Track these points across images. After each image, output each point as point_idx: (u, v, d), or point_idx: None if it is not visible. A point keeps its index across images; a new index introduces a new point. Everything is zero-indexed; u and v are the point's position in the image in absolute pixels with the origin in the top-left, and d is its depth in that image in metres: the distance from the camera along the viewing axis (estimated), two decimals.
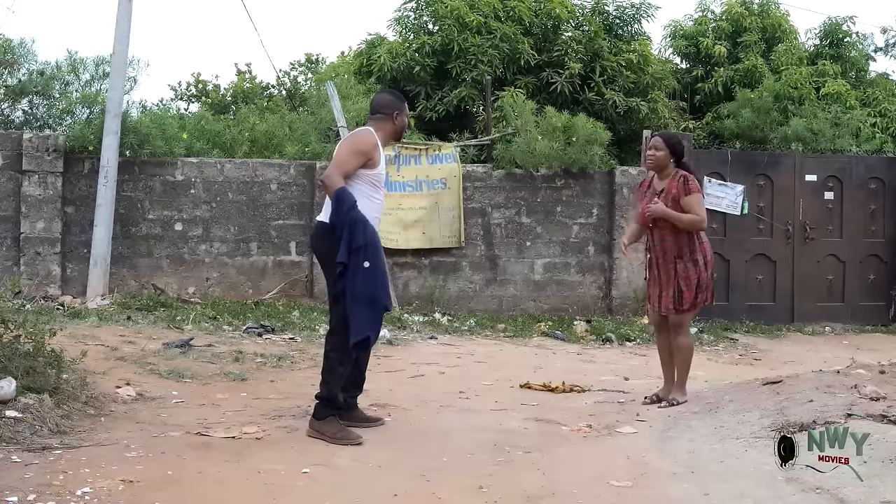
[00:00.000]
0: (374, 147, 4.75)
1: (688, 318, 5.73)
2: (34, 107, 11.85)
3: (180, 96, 16.76)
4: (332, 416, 4.69)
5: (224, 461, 4.15)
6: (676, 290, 5.54)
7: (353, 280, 4.50)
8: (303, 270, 10.29)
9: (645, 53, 12.66)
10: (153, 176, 10.03)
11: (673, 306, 5.57)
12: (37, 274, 9.54)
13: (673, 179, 5.55)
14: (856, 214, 11.47)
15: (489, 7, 12.28)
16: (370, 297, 4.54)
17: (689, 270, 5.52)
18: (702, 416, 5.16)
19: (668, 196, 5.51)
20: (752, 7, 14.47)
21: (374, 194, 4.78)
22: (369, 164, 4.72)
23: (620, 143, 12.13)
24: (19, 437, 4.13)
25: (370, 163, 4.72)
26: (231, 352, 7.06)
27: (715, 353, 9.16)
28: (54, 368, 4.88)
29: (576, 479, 4.05)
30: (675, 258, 5.53)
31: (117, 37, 9.85)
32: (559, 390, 6.31)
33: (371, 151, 4.73)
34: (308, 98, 13.06)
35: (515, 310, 10.50)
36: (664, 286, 5.60)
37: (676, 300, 5.55)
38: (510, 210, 10.63)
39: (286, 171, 10.30)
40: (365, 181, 4.73)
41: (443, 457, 4.44)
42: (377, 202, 4.80)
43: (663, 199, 5.51)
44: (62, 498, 3.46)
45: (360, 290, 4.50)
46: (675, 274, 5.54)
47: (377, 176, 4.79)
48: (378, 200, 4.81)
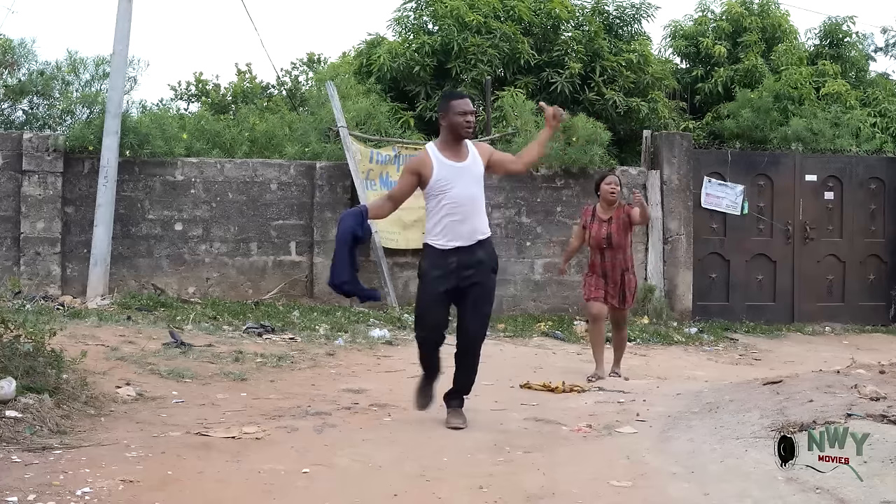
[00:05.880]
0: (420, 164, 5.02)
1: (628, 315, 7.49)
2: (34, 107, 11.86)
3: (180, 96, 16.75)
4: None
5: (224, 461, 4.15)
6: (621, 294, 7.06)
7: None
8: (303, 270, 10.29)
9: (645, 53, 12.66)
10: (153, 176, 10.03)
11: (618, 304, 7.09)
12: (37, 274, 9.54)
13: (619, 209, 7.05)
14: (856, 214, 11.48)
15: (489, 7, 12.28)
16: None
17: (633, 281, 7.15)
18: (702, 416, 5.16)
19: (619, 221, 7.00)
20: (752, 7, 14.46)
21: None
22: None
23: (620, 143, 12.14)
24: (19, 437, 4.13)
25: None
26: (231, 352, 7.06)
27: (715, 353, 9.16)
28: (54, 368, 4.88)
29: (576, 479, 4.05)
30: (623, 271, 7.05)
31: (117, 37, 9.85)
32: (559, 390, 6.31)
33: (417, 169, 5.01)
34: (308, 98, 13.07)
35: (515, 310, 10.50)
36: (610, 291, 7.04)
37: (620, 300, 7.08)
38: (510, 210, 10.64)
39: (286, 171, 10.30)
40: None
41: (443, 457, 4.44)
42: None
43: (615, 224, 6.99)
44: (62, 498, 3.45)
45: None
46: (623, 283, 7.06)
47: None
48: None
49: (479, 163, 4.99)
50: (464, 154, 4.96)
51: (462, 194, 4.88)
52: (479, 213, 4.99)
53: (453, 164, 4.91)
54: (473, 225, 4.93)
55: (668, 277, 10.75)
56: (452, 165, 4.90)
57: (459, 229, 4.89)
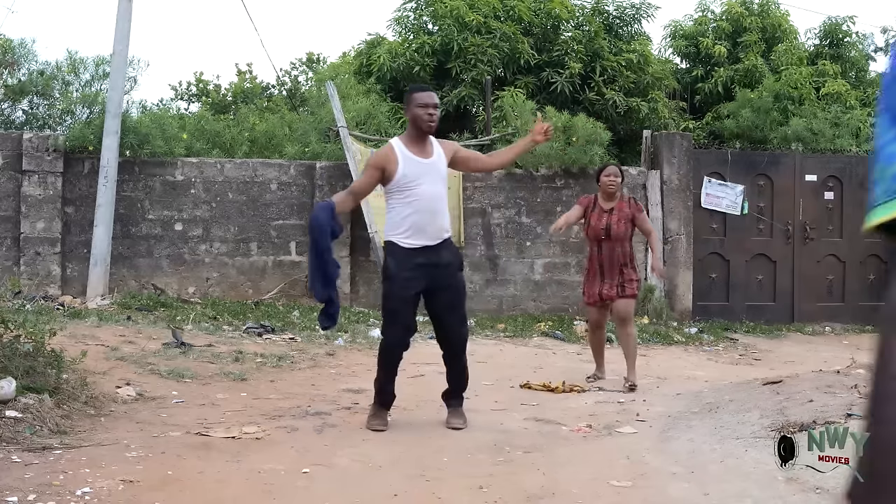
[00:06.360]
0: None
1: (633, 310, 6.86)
2: (34, 107, 11.85)
3: (181, 96, 16.76)
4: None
5: (224, 461, 4.15)
6: (620, 287, 6.58)
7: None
8: (303, 270, 10.28)
9: (645, 53, 12.65)
10: (153, 176, 10.03)
11: (618, 294, 6.57)
12: (37, 274, 9.54)
13: (622, 201, 6.69)
14: (856, 214, 11.45)
15: (489, 7, 12.28)
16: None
17: (632, 274, 6.67)
18: (702, 416, 5.16)
19: (620, 214, 6.60)
20: (752, 7, 14.46)
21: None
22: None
23: (620, 143, 12.14)
24: (19, 437, 4.13)
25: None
26: (231, 352, 7.06)
27: (715, 353, 9.15)
28: (54, 368, 4.88)
29: (576, 479, 4.05)
30: (622, 266, 6.61)
31: (117, 37, 9.85)
32: (559, 390, 6.31)
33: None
34: (308, 98, 13.07)
35: (515, 310, 10.50)
36: (606, 288, 6.60)
37: (620, 291, 6.59)
38: (510, 210, 10.63)
39: (286, 171, 10.30)
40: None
41: (443, 457, 4.44)
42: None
43: (617, 216, 6.59)
44: (62, 498, 3.45)
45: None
46: (623, 276, 6.60)
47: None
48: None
49: (444, 161, 4.92)
50: (429, 151, 4.87)
51: (429, 191, 4.80)
52: (445, 211, 4.92)
53: (420, 161, 4.81)
54: (440, 223, 4.86)
55: (668, 277, 10.75)
56: (420, 162, 4.81)
57: (427, 228, 4.81)
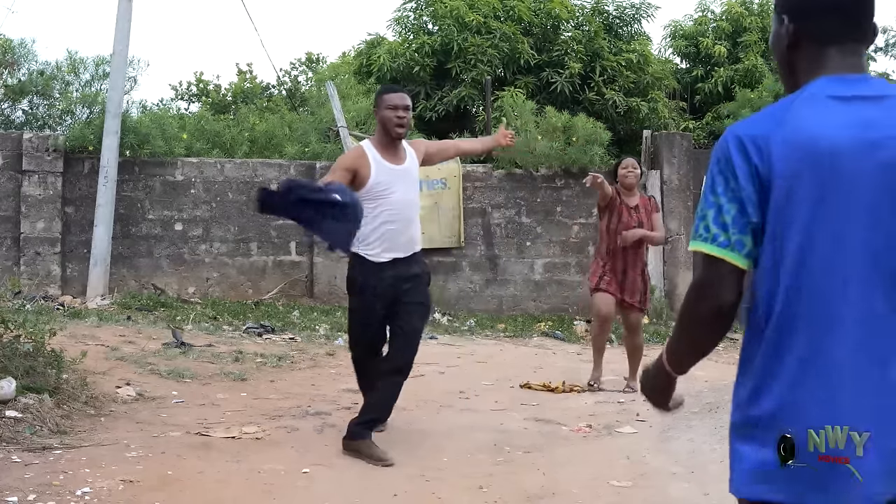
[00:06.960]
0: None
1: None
2: (34, 107, 11.86)
3: (181, 96, 16.78)
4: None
5: (224, 461, 4.15)
6: (641, 295, 6.32)
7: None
8: (303, 270, 10.29)
9: (645, 53, 12.66)
10: (153, 176, 10.03)
11: (637, 304, 6.32)
12: (37, 274, 9.54)
13: (642, 197, 6.46)
14: None
15: (489, 7, 12.28)
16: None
17: (647, 282, 6.43)
18: (702, 416, 5.16)
19: (646, 210, 6.32)
20: (752, 7, 14.46)
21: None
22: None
23: (620, 143, 12.13)
24: (19, 437, 4.13)
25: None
26: (231, 352, 7.05)
27: (715, 352, 9.11)
28: (54, 368, 4.88)
29: (576, 479, 4.05)
30: (643, 267, 6.36)
31: (117, 37, 9.85)
32: (559, 390, 6.31)
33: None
34: (308, 98, 13.08)
35: (515, 310, 10.50)
36: (626, 292, 6.26)
37: (639, 300, 6.33)
38: (510, 210, 10.63)
39: (286, 172, 10.29)
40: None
41: (443, 457, 4.44)
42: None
43: (639, 214, 6.26)
44: (62, 498, 3.45)
45: None
46: (643, 281, 6.31)
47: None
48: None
49: (417, 165, 4.58)
50: (402, 156, 4.51)
51: (402, 200, 4.42)
52: (416, 221, 4.57)
53: (393, 168, 4.43)
54: (411, 234, 4.50)
55: (669, 277, 10.74)
56: (392, 168, 4.43)
57: (398, 239, 4.42)
